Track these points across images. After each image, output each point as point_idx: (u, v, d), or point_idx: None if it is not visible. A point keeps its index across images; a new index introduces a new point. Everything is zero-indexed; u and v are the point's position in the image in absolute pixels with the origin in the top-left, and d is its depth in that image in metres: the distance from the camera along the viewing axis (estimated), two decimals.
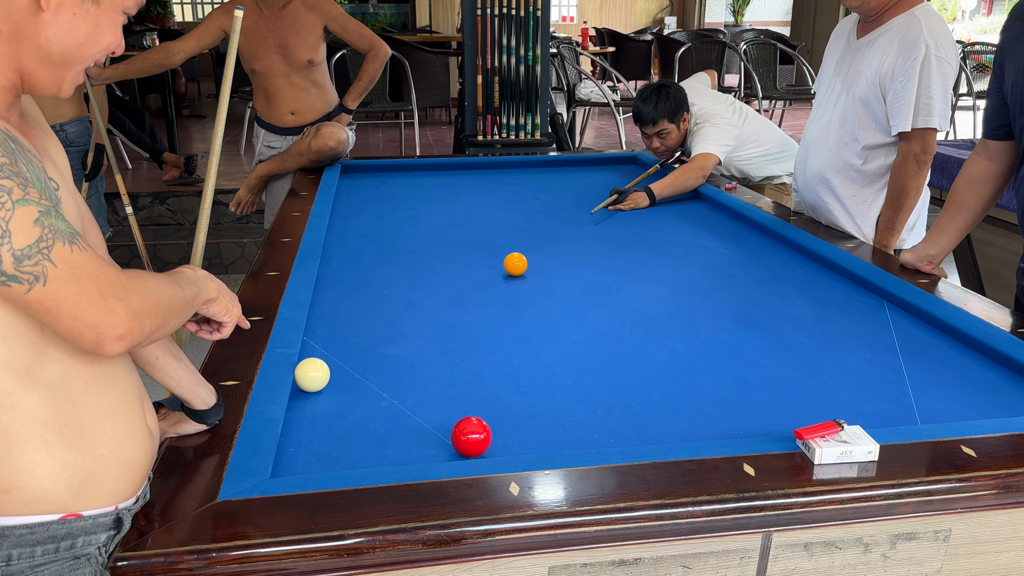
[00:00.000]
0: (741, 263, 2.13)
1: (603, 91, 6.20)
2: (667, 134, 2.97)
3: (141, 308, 0.90)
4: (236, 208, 3.32)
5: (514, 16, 4.12)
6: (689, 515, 1.02)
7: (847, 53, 2.28)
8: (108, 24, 0.95)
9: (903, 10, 2.13)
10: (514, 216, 2.58)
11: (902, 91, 2.09)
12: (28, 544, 0.92)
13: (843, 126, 2.26)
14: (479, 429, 1.19)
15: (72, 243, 0.86)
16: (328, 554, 0.95)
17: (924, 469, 1.08)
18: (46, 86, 0.94)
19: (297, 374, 1.38)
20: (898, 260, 2.02)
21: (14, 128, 0.91)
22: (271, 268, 1.91)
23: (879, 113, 2.17)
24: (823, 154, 2.32)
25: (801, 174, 2.44)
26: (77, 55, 0.94)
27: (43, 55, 0.91)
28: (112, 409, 0.99)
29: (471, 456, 1.18)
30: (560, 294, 1.89)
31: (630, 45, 8.91)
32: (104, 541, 0.96)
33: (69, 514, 0.93)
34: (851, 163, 2.26)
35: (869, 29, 2.20)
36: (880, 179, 2.25)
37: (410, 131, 6.40)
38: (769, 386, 1.43)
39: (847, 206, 2.30)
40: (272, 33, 3.07)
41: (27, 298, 0.84)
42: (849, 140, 2.25)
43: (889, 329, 1.67)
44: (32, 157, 0.89)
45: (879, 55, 2.14)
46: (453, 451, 1.20)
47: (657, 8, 14.09)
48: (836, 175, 2.30)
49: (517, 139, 4.28)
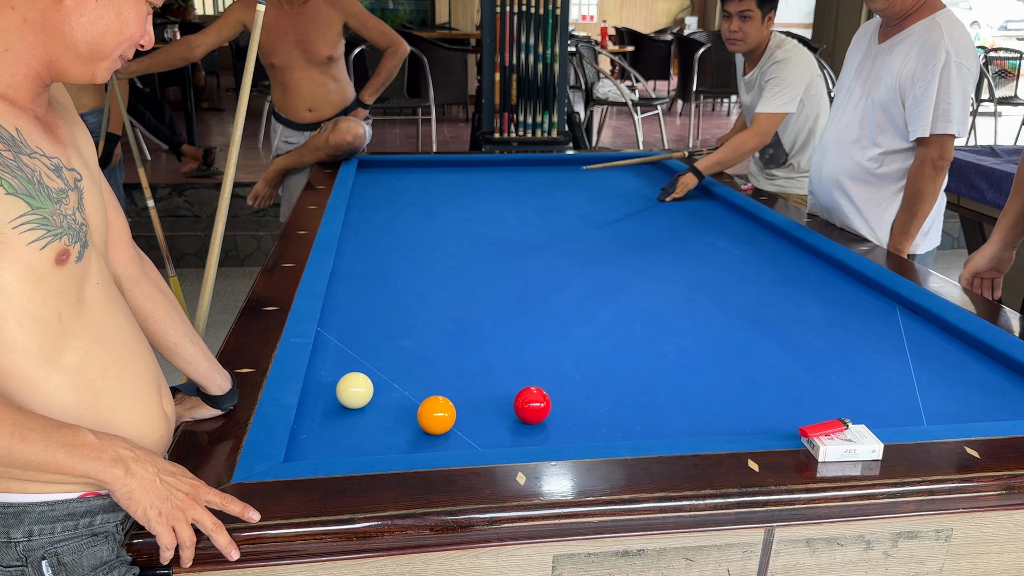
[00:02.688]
0: (753, 264, 2.14)
1: (621, 90, 6.20)
2: (749, 18, 2.76)
3: None
4: (253, 201, 3.36)
5: (533, 14, 4.14)
6: (692, 508, 1.03)
7: (868, 57, 2.28)
8: (131, 12, 0.95)
9: (925, 15, 2.13)
10: (528, 213, 2.60)
11: (921, 96, 2.09)
12: (48, 520, 0.94)
13: (861, 130, 2.26)
14: (540, 398, 1.28)
15: None
16: (338, 537, 0.97)
17: (927, 469, 1.09)
18: (77, 75, 0.95)
19: (339, 389, 1.31)
20: (911, 264, 2.02)
21: (35, 119, 0.93)
22: (287, 260, 1.93)
23: (897, 118, 2.17)
24: (840, 157, 2.33)
25: (817, 176, 2.44)
26: (103, 45, 0.94)
27: (69, 44, 0.92)
28: (130, 394, 1.01)
29: (532, 423, 1.28)
30: (571, 291, 1.91)
31: (650, 45, 8.90)
32: (122, 519, 0.99)
33: (88, 492, 0.96)
34: (867, 167, 2.26)
35: (891, 34, 2.21)
36: (896, 183, 2.25)
37: (427, 127, 6.43)
38: (777, 385, 1.44)
39: (862, 209, 2.30)
40: (292, 28, 3.11)
41: None
42: (866, 144, 2.25)
43: (900, 332, 1.67)
44: (30, 160, 0.89)
45: (899, 60, 2.14)
46: (461, 441, 1.22)
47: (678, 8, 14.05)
48: (852, 178, 2.30)
49: (534, 137, 4.30)
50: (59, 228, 0.90)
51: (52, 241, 0.89)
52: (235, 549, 0.94)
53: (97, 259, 1.00)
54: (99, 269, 1.00)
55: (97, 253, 1.01)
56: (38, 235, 0.88)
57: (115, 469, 0.91)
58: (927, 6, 2.14)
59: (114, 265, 1.11)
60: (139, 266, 1.16)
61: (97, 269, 1.00)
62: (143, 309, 1.14)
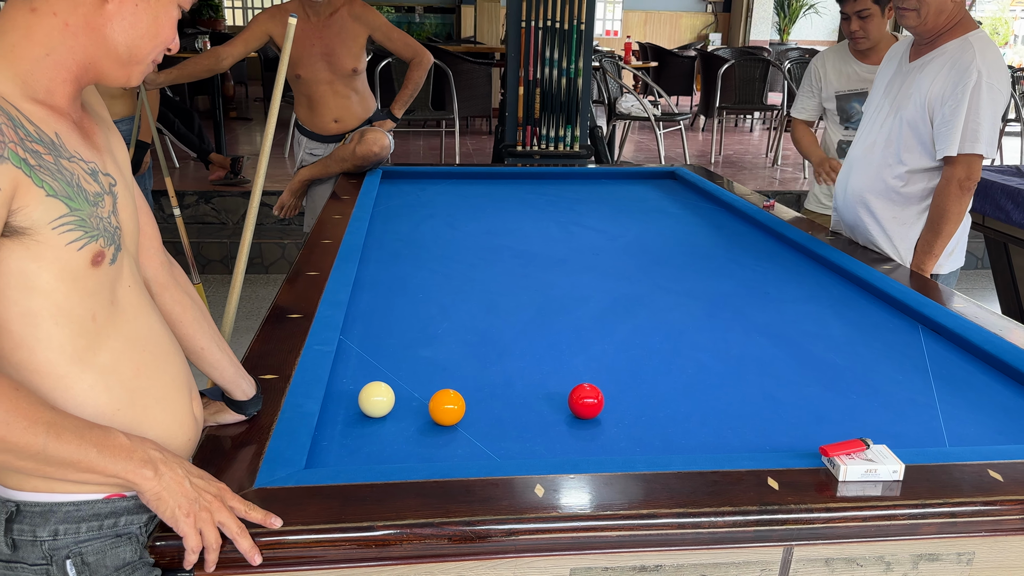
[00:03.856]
0: (775, 281, 2.13)
1: (644, 105, 6.21)
2: (869, 16, 2.64)
3: None
4: (279, 212, 3.39)
5: (558, 29, 4.16)
6: (711, 525, 1.03)
7: (898, 75, 2.28)
8: (165, 17, 0.98)
9: (957, 35, 2.13)
10: (549, 226, 2.61)
11: (950, 116, 2.08)
12: (74, 520, 0.96)
13: (888, 147, 2.26)
14: (592, 394, 1.32)
15: None
16: (357, 544, 0.98)
17: (949, 491, 1.08)
18: (115, 78, 0.98)
19: (362, 398, 1.32)
20: (933, 283, 2.01)
21: (73, 124, 0.95)
22: (311, 268, 1.96)
23: (925, 137, 2.17)
24: (865, 174, 2.32)
25: (842, 193, 2.43)
26: (140, 48, 0.97)
27: (110, 47, 0.94)
28: (162, 395, 1.03)
29: (586, 418, 1.33)
30: (592, 305, 1.91)
31: (673, 60, 8.91)
32: (146, 521, 1.01)
33: (114, 494, 0.98)
34: (893, 185, 2.25)
35: (922, 52, 2.21)
36: (921, 202, 2.24)
37: (451, 139, 6.47)
38: (798, 403, 1.44)
39: (886, 228, 2.29)
40: (319, 40, 3.15)
41: None
42: (893, 162, 2.25)
43: (922, 352, 1.66)
44: (69, 163, 0.91)
45: (929, 79, 2.14)
46: (480, 450, 1.23)
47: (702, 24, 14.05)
48: (877, 196, 2.29)
49: (556, 151, 4.32)
50: (96, 230, 0.93)
51: (89, 242, 0.92)
52: (258, 554, 0.95)
53: (129, 262, 1.03)
54: (131, 272, 1.03)
55: (129, 256, 1.03)
56: (76, 236, 0.90)
57: (145, 470, 0.93)
58: (960, 26, 2.14)
59: (145, 270, 1.14)
60: (169, 271, 1.18)
61: (129, 272, 1.02)
62: (172, 313, 1.16)
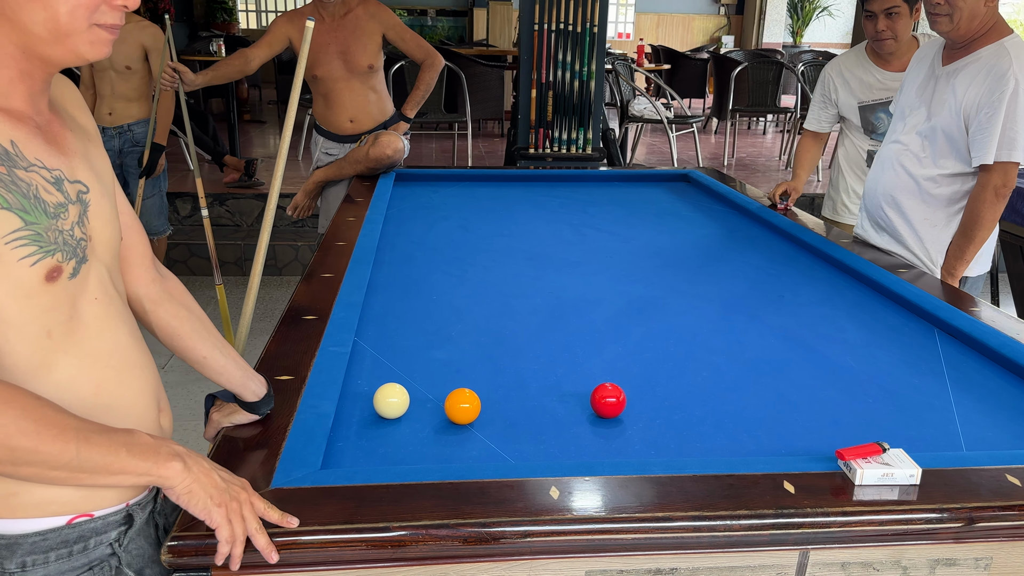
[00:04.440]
0: (790, 284, 2.12)
1: (656, 108, 6.21)
2: (897, 14, 2.54)
3: None
4: (293, 212, 3.41)
5: (571, 32, 4.16)
6: (727, 528, 1.03)
7: (931, 78, 2.28)
8: None
9: (992, 40, 2.12)
10: (562, 229, 2.61)
11: (986, 123, 2.08)
12: (41, 551, 0.92)
13: (921, 151, 2.26)
14: (614, 394, 1.34)
15: None
16: (372, 545, 0.98)
17: (967, 495, 1.07)
18: (59, 58, 0.89)
19: (376, 399, 1.33)
20: (950, 287, 2.00)
21: (36, 128, 0.90)
22: (326, 270, 1.96)
23: (959, 143, 2.16)
24: (897, 175, 2.32)
25: (872, 193, 2.43)
26: (59, 20, 0.86)
27: (30, 29, 0.86)
28: (126, 412, 0.98)
29: (608, 417, 1.35)
30: (605, 307, 1.91)
31: (686, 63, 8.90)
32: (116, 537, 0.98)
33: (79, 515, 0.94)
34: (925, 187, 2.25)
35: (955, 57, 2.20)
36: (952, 205, 2.24)
37: (463, 142, 6.49)
38: (813, 407, 1.43)
39: (917, 229, 2.29)
40: (334, 39, 3.18)
41: None
42: (927, 164, 2.25)
43: (939, 356, 1.65)
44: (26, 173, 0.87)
45: (964, 85, 2.13)
46: (494, 452, 1.23)
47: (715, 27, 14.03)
48: (909, 197, 2.29)
49: (568, 153, 4.32)
50: (53, 244, 0.88)
51: (44, 258, 0.87)
52: (275, 551, 0.95)
53: (99, 273, 0.97)
54: (100, 283, 0.97)
55: (100, 267, 0.98)
56: (29, 251, 0.85)
57: (174, 463, 0.92)
58: (994, 31, 2.13)
59: (134, 287, 1.11)
60: (161, 285, 1.15)
61: (97, 283, 0.97)
62: (168, 328, 1.14)
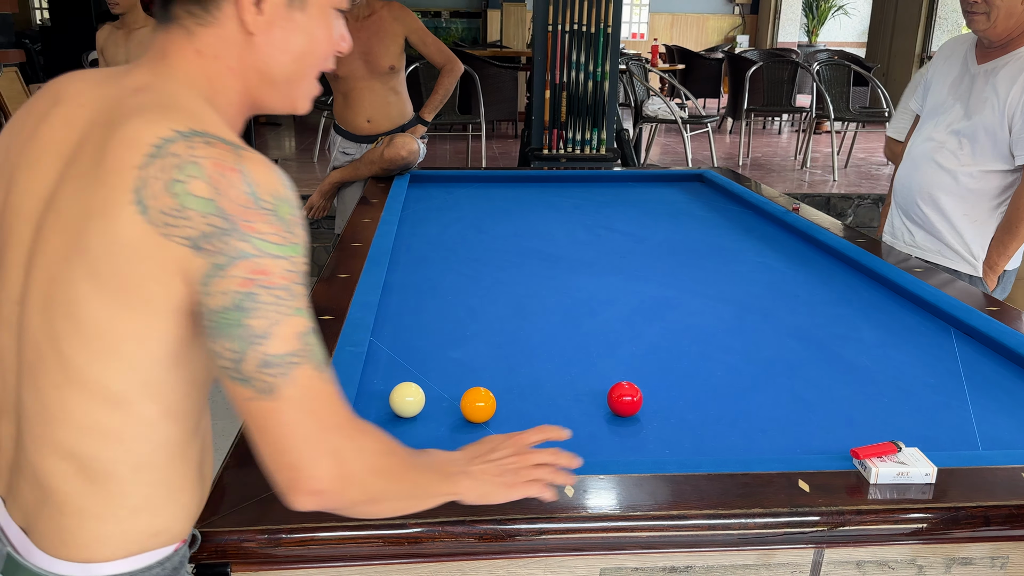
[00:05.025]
0: (805, 284, 2.12)
1: (671, 108, 6.20)
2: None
3: (354, 472, 0.80)
4: (308, 213, 3.44)
5: (584, 32, 4.17)
6: (741, 527, 1.03)
7: (965, 76, 2.28)
8: (321, 29, 0.92)
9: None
10: (576, 229, 2.61)
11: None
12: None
13: (959, 148, 2.25)
14: (631, 392, 1.34)
15: (321, 371, 0.79)
16: (389, 542, 0.99)
17: (983, 494, 1.07)
18: (278, 106, 0.94)
19: (393, 398, 1.34)
20: (966, 286, 1.99)
21: None
22: (342, 271, 1.98)
23: (1001, 142, 2.17)
24: (934, 173, 2.31)
25: (905, 191, 2.41)
26: (299, 69, 0.92)
27: (266, 78, 0.90)
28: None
29: (625, 415, 1.35)
30: (620, 307, 1.91)
31: (700, 63, 8.88)
32: (188, 559, 0.97)
33: (180, 542, 0.93)
34: (965, 183, 2.25)
35: (992, 56, 2.20)
36: (992, 200, 2.24)
37: (477, 143, 6.50)
38: (828, 406, 1.43)
39: (956, 225, 2.29)
40: (357, 40, 3.20)
41: (246, 405, 0.77)
42: (965, 161, 2.24)
43: (955, 355, 1.64)
44: None
45: (1006, 84, 2.13)
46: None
47: (730, 27, 13.99)
48: (947, 194, 2.28)
49: (582, 154, 4.32)
50: None
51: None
52: (576, 458, 1.01)
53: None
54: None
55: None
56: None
57: (463, 480, 0.95)
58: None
59: None
60: None
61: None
62: None
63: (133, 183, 0.77)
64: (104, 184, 0.78)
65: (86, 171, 0.81)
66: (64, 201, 0.82)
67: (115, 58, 3.82)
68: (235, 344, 0.75)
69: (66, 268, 0.80)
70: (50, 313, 0.81)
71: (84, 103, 0.88)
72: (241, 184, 0.77)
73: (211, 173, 0.76)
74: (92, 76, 0.93)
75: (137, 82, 0.87)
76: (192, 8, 0.87)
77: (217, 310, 0.76)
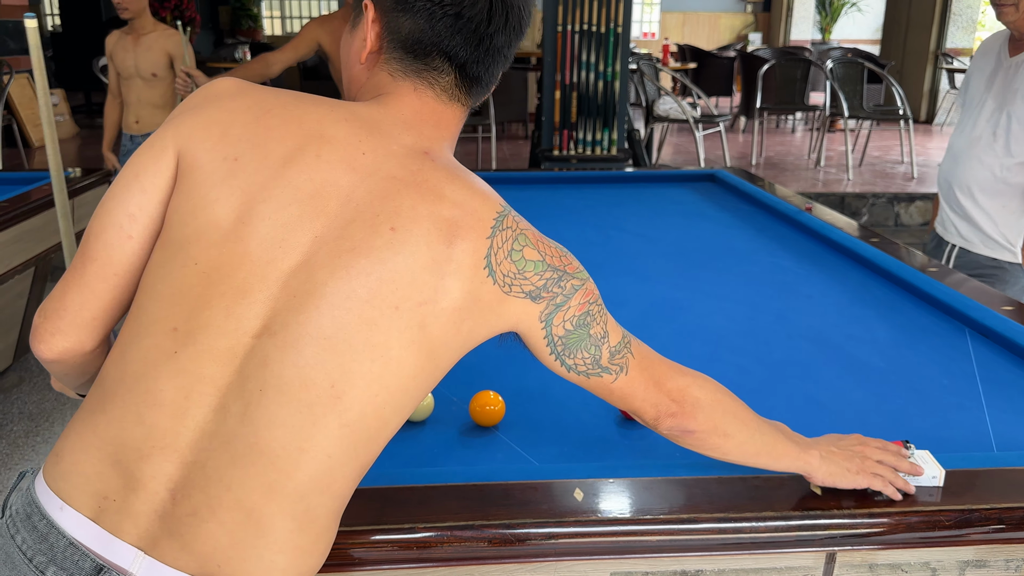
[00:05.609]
0: (818, 284, 2.10)
1: (682, 107, 6.18)
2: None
3: (699, 400, 1.00)
4: None
5: (594, 32, 4.16)
6: (753, 530, 1.02)
7: (999, 69, 2.31)
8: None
9: None
10: (587, 230, 2.61)
11: None
12: None
13: (995, 140, 2.28)
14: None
15: (639, 340, 1.01)
16: (398, 546, 0.99)
17: (997, 496, 1.06)
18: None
19: None
20: (981, 286, 1.97)
21: None
22: None
23: None
24: (972, 166, 2.35)
25: (947, 185, 2.44)
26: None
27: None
28: None
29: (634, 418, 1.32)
30: (630, 308, 1.91)
31: (712, 61, 8.85)
32: None
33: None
34: (1001, 176, 2.28)
35: (1022, 47, 2.23)
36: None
37: (487, 145, 6.51)
38: (841, 407, 1.42)
39: (994, 216, 2.32)
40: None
41: (612, 387, 0.97)
42: (1001, 154, 2.27)
43: (969, 356, 1.63)
44: None
45: None
46: (518, 454, 1.24)
47: (742, 25, 13.94)
48: (984, 186, 2.32)
49: (593, 154, 4.31)
50: None
51: None
52: (908, 485, 1.07)
53: None
54: None
55: None
56: None
57: (813, 451, 1.06)
58: None
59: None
60: None
61: None
62: None
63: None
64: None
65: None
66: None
67: (123, 63, 3.85)
68: (589, 351, 0.95)
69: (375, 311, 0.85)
70: (333, 352, 0.83)
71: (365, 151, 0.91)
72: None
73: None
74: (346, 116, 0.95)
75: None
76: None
77: (565, 335, 0.94)
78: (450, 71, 0.96)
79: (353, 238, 0.85)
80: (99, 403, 0.86)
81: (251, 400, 0.82)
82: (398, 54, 0.96)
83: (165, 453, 0.82)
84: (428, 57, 0.95)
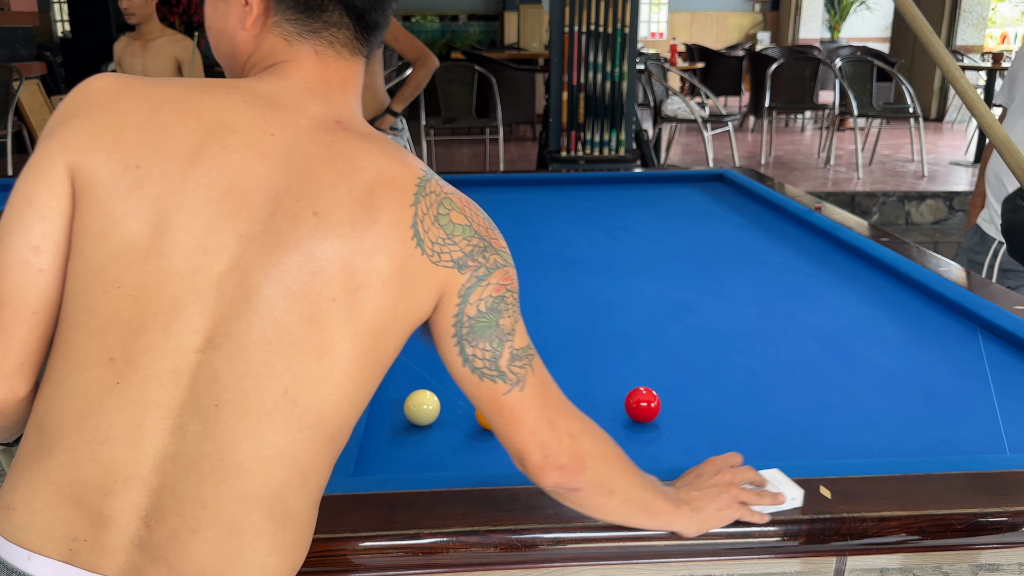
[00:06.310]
0: (828, 284, 2.09)
1: (690, 107, 6.16)
2: None
3: (588, 452, 0.90)
4: None
5: (602, 33, 4.16)
6: (761, 535, 1.01)
7: None
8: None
9: None
10: (594, 232, 2.60)
11: None
12: None
13: None
14: (648, 398, 1.33)
15: (539, 357, 0.91)
16: (404, 552, 0.98)
17: (1010, 499, 1.04)
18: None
19: (408, 406, 1.34)
20: (994, 284, 1.95)
21: None
22: None
23: None
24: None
25: (997, 180, 2.42)
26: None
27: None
28: None
29: (643, 422, 1.34)
30: (638, 310, 1.90)
31: (721, 61, 8.82)
32: None
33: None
34: None
35: None
36: None
37: (495, 147, 6.51)
38: (851, 409, 1.40)
39: None
40: None
41: (502, 399, 0.87)
42: None
43: (981, 356, 1.61)
44: None
45: None
46: None
47: (750, 24, 13.90)
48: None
49: (601, 155, 4.30)
50: None
51: None
52: (779, 496, 1.02)
53: None
54: None
55: None
56: None
57: (686, 510, 0.99)
58: None
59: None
60: None
61: None
62: None
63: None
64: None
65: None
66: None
67: (132, 68, 3.87)
68: (492, 343, 0.86)
69: (313, 307, 0.81)
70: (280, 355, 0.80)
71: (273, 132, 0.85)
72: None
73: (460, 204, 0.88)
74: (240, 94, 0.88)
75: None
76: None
77: (475, 316, 0.86)
78: (349, 24, 0.90)
79: (279, 231, 0.80)
80: (43, 447, 0.80)
81: (208, 417, 0.79)
82: (290, 14, 0.88)
83: (129, 484, 0.78)
84: (324, 11, 0.88)
